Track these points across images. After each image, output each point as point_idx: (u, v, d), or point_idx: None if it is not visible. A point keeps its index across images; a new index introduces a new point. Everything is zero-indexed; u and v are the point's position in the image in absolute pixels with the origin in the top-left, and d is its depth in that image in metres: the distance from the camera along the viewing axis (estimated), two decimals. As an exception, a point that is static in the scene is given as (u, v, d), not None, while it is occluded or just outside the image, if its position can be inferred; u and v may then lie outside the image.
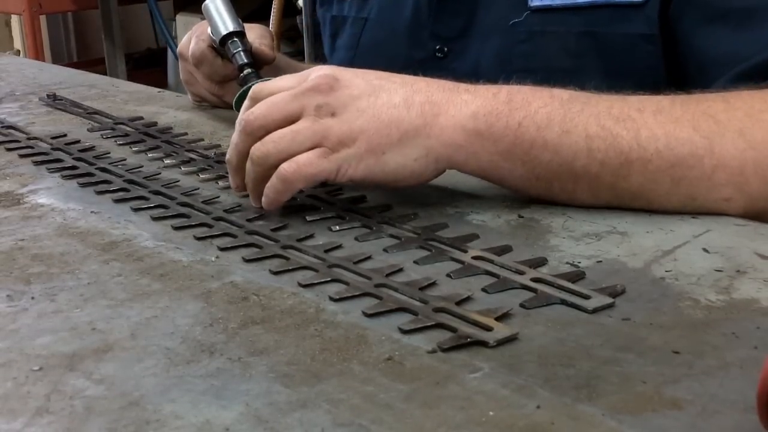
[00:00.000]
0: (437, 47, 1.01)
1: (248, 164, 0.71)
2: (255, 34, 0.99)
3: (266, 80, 0.85)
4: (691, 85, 0.82)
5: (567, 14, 0.91)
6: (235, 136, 0.73)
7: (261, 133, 0.70)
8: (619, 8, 0.88)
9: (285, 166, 0.69)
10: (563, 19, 0.91)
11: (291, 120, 0.70)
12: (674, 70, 0.88)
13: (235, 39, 0.96)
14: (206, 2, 0.99)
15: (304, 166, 0.69)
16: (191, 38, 1.02)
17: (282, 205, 0.72)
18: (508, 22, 0.94)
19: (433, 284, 0.60)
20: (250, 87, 0.90)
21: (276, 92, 0.72)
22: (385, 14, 1.06)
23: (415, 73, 0.74)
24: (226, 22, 0.96)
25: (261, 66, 0.97)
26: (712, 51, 0.83)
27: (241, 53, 0.95)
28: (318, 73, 0.71)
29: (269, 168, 0.70)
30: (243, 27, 0.97)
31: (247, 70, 0.94)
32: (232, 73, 0.98)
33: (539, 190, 0.72)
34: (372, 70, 0.73)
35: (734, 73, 0.80)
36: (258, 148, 0.70)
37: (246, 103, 0.74)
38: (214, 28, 0.97)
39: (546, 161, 0.70)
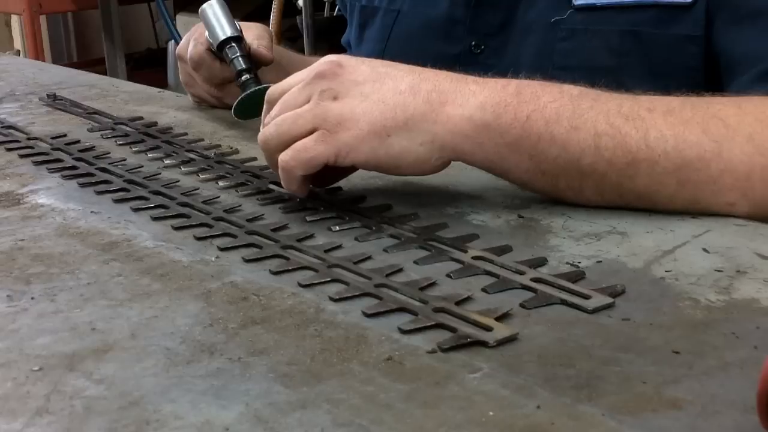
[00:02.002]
0: (473, 43, 1.00)
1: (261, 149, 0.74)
2: (253, 34, 0.99)
3: (268, 86, 0.85)
4: (722, 85, 0.82)
5: (612, 13, 0.90)
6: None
7: None
8: (666, 9, 0.87)
9: (282, 156, 0.70)
10: (607, 17, 0.90)
11: None
12: (711, 71, 0.87)
13: (233, 44, 0.95)
14: (203, 6, 0.98)
15: (299, 152, 0.69)
16: (189, 40, 1.02)
17: (306, 190, 0.73)
18: (550, 19, 0.93)
19: (433, 284, 0.60)
20: (250, 94, 0.90)
21: (288, 90, 0.73)
22: (418, 7, 1.05)
23: (450, 69, 0.73)
24: (223, 27, 0.96)
25: (259, 67, 0.97)
26: (739, 50, 0.83)
27: (239, 59, 0.95)
28: (323, 60, 0.72)
29: (274, 152, 0.71)
30: (240, 31, 0.97)
31: (245, 76, 0.94)
32: (230, 76, 0.98)
33: (545, 185, 0.72)
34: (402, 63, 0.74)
35: (756, 72, 0.80)
36: (262, 133, 0.72)
37: (265, 106, 0.75)
38: (212, 33, 0.97)
39: (553, 157, 0.70)
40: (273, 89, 0.75)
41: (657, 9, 0.88)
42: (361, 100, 0.69)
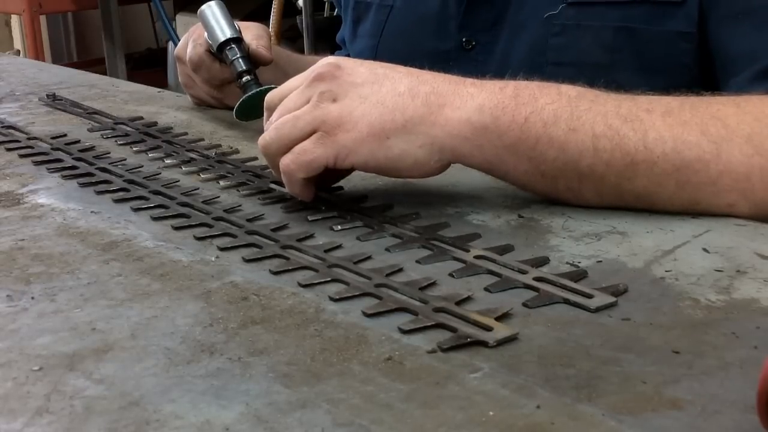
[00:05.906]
0: (464, 39, 1.00)
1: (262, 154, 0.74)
2: (252, 34, 0.99)
3: (269, 88, 0.85)
4: (718, 83, 0.81)
5: (604, 8, 0.90)
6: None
7: None
8: (658, 5, 0.87)
9: (283, 159, 0.70)
10: (600, 13, 0.90)
11: None
12: (706, 68, 0.87)
13: (233, 45, 0.95)
14: (202, 7, 0.98)
15: (299, 155, 0.69)
16: (188, 42, 1.02)
17: (311, 194, 0.73)
18: (542, 14, 0.93)
19: (433, 284, 0.60)
20: (251, 95, 0.90)
21: (287, 95, 0.73)
22: (411, 2, 1.05)
23: (441, 65, 0.73)
24: (223, 29, 0.96)
25: (258, 66, 0.97)
26: (734, 48, 0.83)
27: (240, 60, 0.94)
28: (321, 62, 0.72)
29: (275, 156, 0.71)
30: (240, 32, 0.97)
31: (246, 77, 0.94)
32: (230, 77, 0.98)
33: (544, 187, 0.72)
34: (394, 59, 0.74)
35: (753, 71, 0.80)
36: (263, 137, 0.72)
37: (265, 113, 0.76)
38: (211, 34, 0.97)
39: (551, 158, 0.70)
40: (272, 94, 0.75)
41: (649, 5, 0.88)
42: (360, 102, 0.69)
